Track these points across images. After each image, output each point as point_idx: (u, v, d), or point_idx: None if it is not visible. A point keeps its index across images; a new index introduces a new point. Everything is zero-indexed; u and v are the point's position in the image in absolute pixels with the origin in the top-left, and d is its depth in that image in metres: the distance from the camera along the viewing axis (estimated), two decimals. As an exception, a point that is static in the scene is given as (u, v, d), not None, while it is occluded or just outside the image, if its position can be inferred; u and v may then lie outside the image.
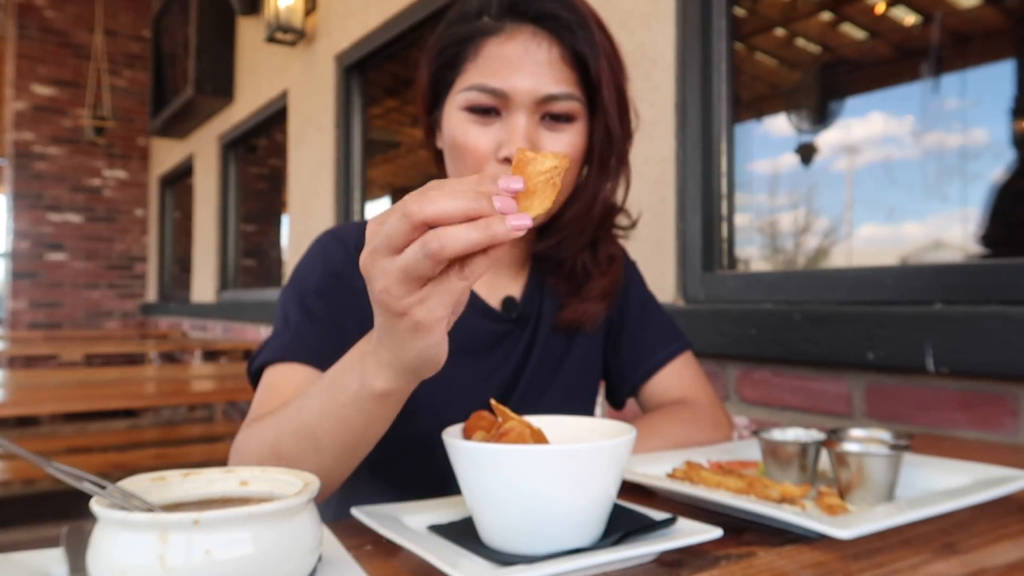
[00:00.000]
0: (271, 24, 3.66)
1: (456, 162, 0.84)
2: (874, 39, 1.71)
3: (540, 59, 0.80)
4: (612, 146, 0.85)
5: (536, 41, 0.80)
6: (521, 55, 0.79)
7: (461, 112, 0.82)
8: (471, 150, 0.81)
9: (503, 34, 0.81)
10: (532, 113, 0.80)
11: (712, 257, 1.72)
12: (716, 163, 1.72)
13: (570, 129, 0.82)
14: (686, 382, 1.01)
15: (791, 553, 0.58)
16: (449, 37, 0.84)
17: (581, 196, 0.87)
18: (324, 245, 0.90)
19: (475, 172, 0.81)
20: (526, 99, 0.79)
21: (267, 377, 0.81)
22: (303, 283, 0.86)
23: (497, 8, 0.82)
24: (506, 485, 0.53)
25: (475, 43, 0.82)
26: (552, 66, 0.80)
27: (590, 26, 0.82)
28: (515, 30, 0.81)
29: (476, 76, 0.81)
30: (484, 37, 0.81)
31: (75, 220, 6.68)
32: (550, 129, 0.82)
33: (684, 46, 1.75)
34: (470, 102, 0.81)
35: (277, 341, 0.82)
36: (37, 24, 6.47)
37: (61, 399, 2.33)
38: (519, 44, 0.80)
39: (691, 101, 1.74)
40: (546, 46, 0.80)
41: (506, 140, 0.79)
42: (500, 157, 0.80)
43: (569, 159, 0.53)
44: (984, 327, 1.12)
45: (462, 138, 0.81)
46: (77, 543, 0.54)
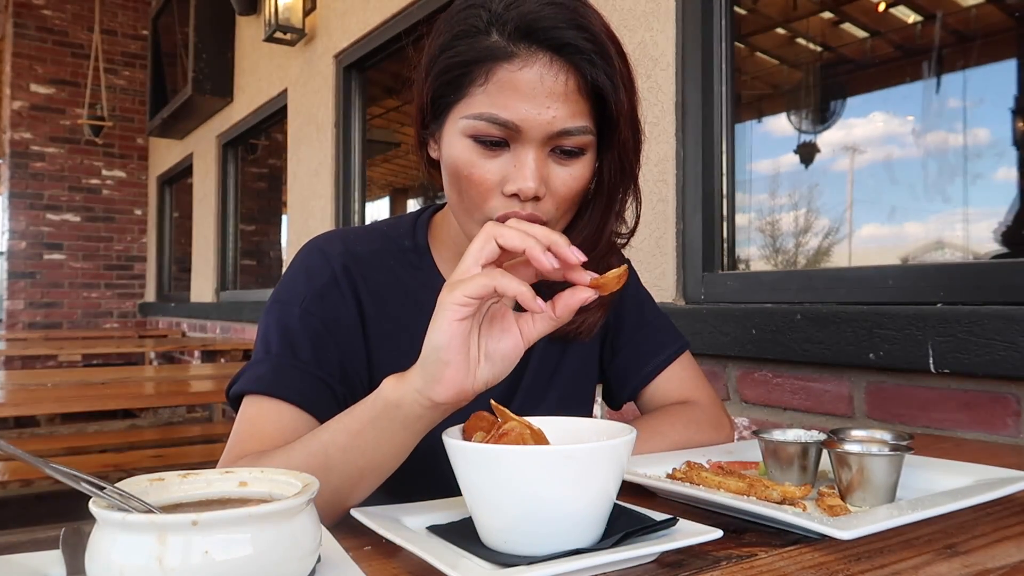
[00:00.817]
0: (270, 23, 3.66)
1: (458, 190, 0.79)
2: (875, 38, 1.71)
3: (556, 91, 0.74)
4: (623, 179, 0.82)
5: (552, 72, 0.74)
6: (535, 86, 0.73)
7: (465, 139, 0.76)
8: (476, 182, 0.76)
9: (517, 60, 0.74)
10: (542, 147, 0.76)
11: (712, 257, 1.71)
12: (716, 163, 1.72)
13: (579, 162, 0.78)
14: (686, 383, 1.00)
15: (792, 554, 0.58)
16: (456, 55, 0.76)
17: (585, 230, 0.85)
18: (308, 263, 0.87)
19: (479, 203, 0.78)
20: (538, 134, 0.74)
21: (247, 409, 0.79)
22: (286, 307, 0.83)
23: (512, 30, 0.74)
24: (506, 486, 0.53)
25: (485, 67, 0.75)
26: (568, 99, 0.74)
27: (610, 55, 0.76)
28: (530, 57, 0.74)
29: (485, 104, 0.75)
30: (495, 62, 0.74)
31: (73, 220, 6.68)
32: (559, 163, 0.77)
33: (685, 46, 1.75)
34: (478, 132, 0.75)
35: (257, 370, 0.80)
36: (35, 23, 6.46)
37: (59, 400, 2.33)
38: (534, 73, 0.74)
39: (691, 101, 1.74)
40: (563, 78, 0.74)
41: (514, 175, 0.75)
42: (507, 192, 0.76)
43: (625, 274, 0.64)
44: (986, 327, 1.12)
45: (467, 169, 0.76)
46: (75, 544, 0.53)
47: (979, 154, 1.44)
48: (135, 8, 6.87)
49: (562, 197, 0.78)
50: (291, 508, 0.45)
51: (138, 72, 6.85)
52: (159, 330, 6.42)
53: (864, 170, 1.65)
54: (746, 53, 1.90)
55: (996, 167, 1.42)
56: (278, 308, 0.84)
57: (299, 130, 3.85)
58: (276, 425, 0.77)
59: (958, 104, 1.48)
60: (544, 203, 0.77)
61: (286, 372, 0.79)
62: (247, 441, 0.77)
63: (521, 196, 0.75)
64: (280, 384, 0.78)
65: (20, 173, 6.43)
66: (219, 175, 5.12)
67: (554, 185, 0.77)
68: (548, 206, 0.78)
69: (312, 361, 0.81)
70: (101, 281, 6.82)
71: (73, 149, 6.64)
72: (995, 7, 1.49)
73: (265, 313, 0.85)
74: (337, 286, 0.85)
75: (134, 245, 6.98)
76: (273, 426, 0.77)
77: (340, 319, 0.84)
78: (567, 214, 0.82)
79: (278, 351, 0.80)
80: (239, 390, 0.80)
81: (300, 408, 0.78)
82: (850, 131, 1.68)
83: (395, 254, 0.90)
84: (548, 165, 0.77)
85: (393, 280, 0.88)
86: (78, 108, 6.51)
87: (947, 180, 1.48)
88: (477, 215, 0.79)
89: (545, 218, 0.78)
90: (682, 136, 1.75)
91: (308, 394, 0.78)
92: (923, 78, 1.56)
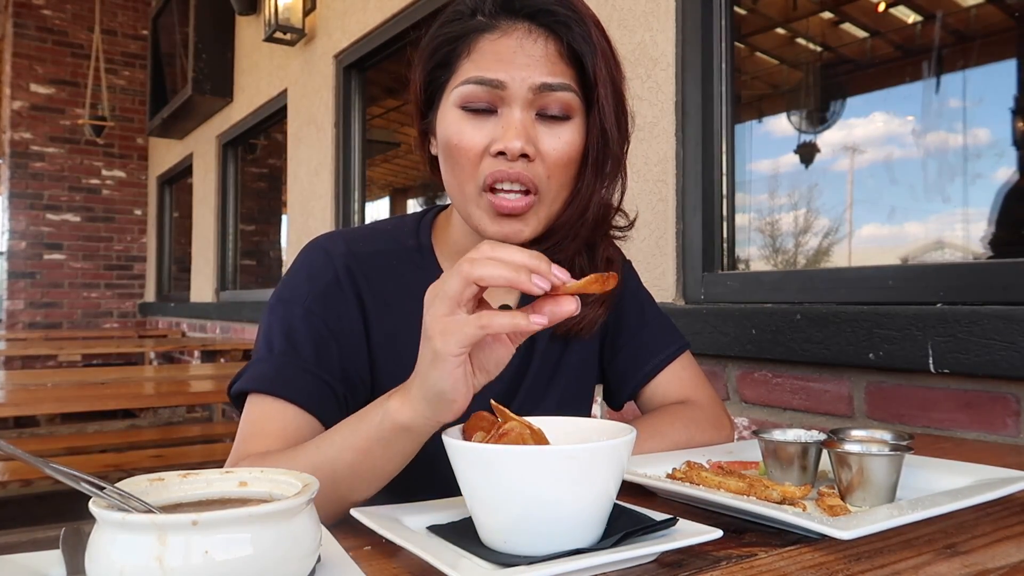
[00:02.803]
0: (270, 23, 3.66)
1: (451, 163, 0.81)
2: (875, 38, 1.71)
3: (535, 53, 0.78)
4: (608, 147, 0.83)
5: (531, 37, 0.79)
6: (516, 49, 0.78)
7: (455, 110, 0.80)
8: (464, 148, 0.79)
9: (497, 30, 0.79)
10: (528, 107, 0.78)
11: (712, 257, 1.71)
12: (716, 163, 1.72)
13: (567, 126, 0.80)
14: (686, 383, 1.00)
15: (792, 554, 0.58)
16: (442, 36, 0.82)
17: (576, 199, 0.85)
18: (311, 262, 0.87)
19: (470, 172, 0.79)
20: (521, 89, 0.77)
21: (251, 409, 0.80)
22: (288, 307, 0.84)
23: (491, 5, 0.80)
24: (506, 486, 0.53)
25: (469, 40, 0.80)
26: (548, 59, 0.78)
27: (587, 23, 0.80)
28: (510, 27, 0.79)
29: (471, 70, 0.79)
30: (478, 34, 0.80)
31: (73, 220, 6.67)
32: (547, 126, 0.80)
33: (684, 45, 1.75)
34: (465, 97, 0.79)
35: (261, 368, 0.80)
36: (35, 23, 6.46)
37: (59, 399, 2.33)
38: (514, 40, 0.79)
39: (691, 101, 1.74)
40: (542, 41, 0.79)
41: (501, 134, 0.78)
42: (493, 151, 0.78)
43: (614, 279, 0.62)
44: (985, 327, 1.12)
45: (456, 137, 0.79)
46: (75, 544, 0.53)
47: (979, 154, 1.44)
48: (135, 8, 6.86)
49: (553, 162, 0.79)
50: (291, 508, 0.45)
51: (138, 72, 6.85)
52: (159, 330, 6.42)
53: (864, 170, 1.65)
54: (746, 53, 1.90)
55: (996, 167, 1.42)
56: (281, 307, 0.84)
57: (299, 130, 3.85)
58: (280, 425, 0.77)
59: (958, 104, 1.48)
60: (535, 166, 0.79)
61: (288, 371, 0.79)
62: (250, 441, 0.77)
63: (508, 154, 0.77)
64: (282, 383, 0.78)
65: (20, 173, 6.43)
66: (219, 175, 5.12)
67: (543, 148, 0.79)
68: (539, 169, 0.79)
69: (314, 361, 0.81)
70: (101, 281, 6.81)
71: (73, 149, 6.64)
72: (995, 7, 1.49)
73: (268, 312, 0.85)
74: (339, 286, 0.85)
75: (134, 245, 6.98)
76: (277, 426, 0.77)
77: (342, 319, 0.84)
78: (562, 186, 0.82)
79: (281, 350, 0.81)
80: (241, 388, 0.80)
81: (303, 408, 0.78)
82: (850, 131, 1.68)
83: (398, 254, 0.90)
84: (535, 128, 0.79)
85: (396, 280, 0.88)
86: (78, 108, 6.51)
87: (947, 180, 1.48)
88: (470, 186, 0.80)
89: (536, 183, 0.79)
90: (682, 136, 1.75)
91: (311, 394, 0.79)
92: (923, 78, 1.56)
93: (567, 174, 0.82)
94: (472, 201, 0.81)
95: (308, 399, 0.79)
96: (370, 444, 0.67)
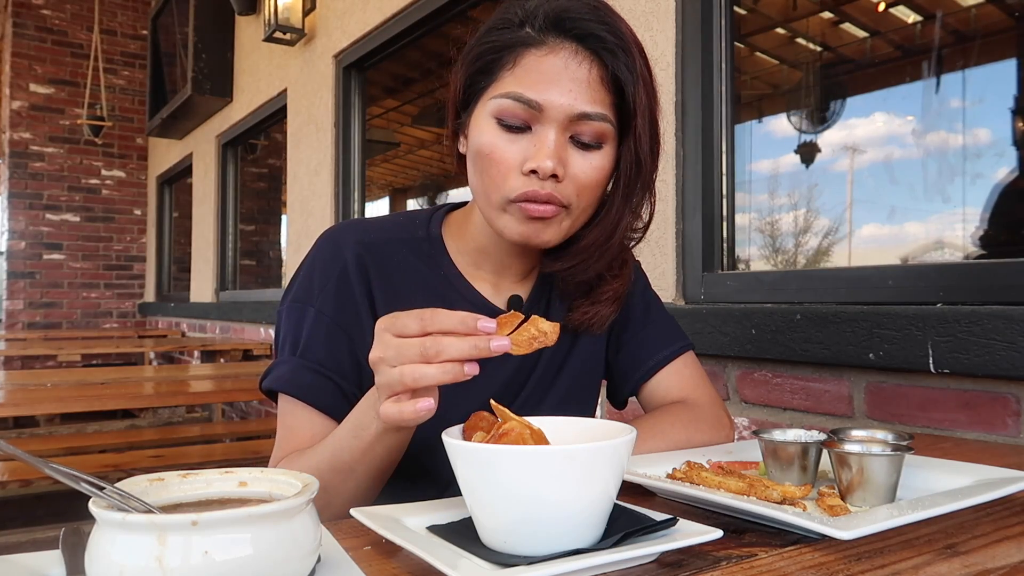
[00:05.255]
0: (270, 23, 3.66)
1: (480, 172, 0.83)
2: (875, 38, 1.71)
3: (579, 77, 0.79)
4: (640, 175, 0.84)
5: (577, 59, 0.79)
6: (560, 71, 0.79)
7: (491, 120, 0.81)
8: (497, 161, 0.80)
9: (545, 47, 0.80)
10: (563, 130, 0.79)
11: (712, 257, 1.71)
12: (716, 163, 1.72)
13: (598, 153, 0.82)
14: (687, 382, 1.01)
15: (792, 554, 0.58)
16: (489, 43, 0.83)
17: (603, 222, 0.87)
18: (322, 257, 0.90)
19: (499, 184, 0.81)
20: (559, 115, 0.78)
21: (282, 409, 0.87)
22: (302, 309, 0.88)
23: (542, 21, 0.81)
24: (506, 486, 0.53)
25: (515, 52, 0.81)
26: (590, 86, 0.79)
27: (632, 52, 0.81)
28: (557, 45, 0.80)
29: (512, 84, 0.80)
30: (525, 47, 0.80)
31: (73, 220, 6.67)
32: (579, 151, 0.81)
33: (685, 45, 1.75)
34: (502, 110, 0.80)
35: (281, 369, 0.87)
36: (34, 23, 6.46)
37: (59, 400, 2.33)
38: (560, 59, 0.79)
39: (691, 100, 1.74)
40: (587, 65, 0.79)
41: (533, 154, 0.79)
42: (525, 170, 0.79)
43: (557, 336, 0.66)
44: (985, 327, 1.12)
45: (489, 148, 0.80)
46: (75, 544, 0.53)
47: (979, 154, 1.44)
48: (135, 8, 6.86)
49: (582, 185, 0.81)
50: (291, 508, 0.45)
51: (138, 72, 6.85)
52: (159, 330, 6.42)
53: (864, 170, 1.65)
54: (746, 53, 1.90)
55: (996, 167, 1.42)
56: (295, 310, 0.89)
57: (299, 130, 3.85)
58: (310, 431, 0.85)
59: (958, 104, 1.48)
60: (564, 187, 0.80)
61: (304, 375, 0.86)
62: (283, 443, 0.87)
63: (540, 173, 0.78)
64: (298, 386, 0.86)
65: (19, 173, 6.43)
66: (219, 175, 5.12)
67: (573, 171, 0.80)
68: (568, 190, 0.81)
69: (326, 363, 0.86)
70: (100, 281, 6.81)
71: (72, 149, 6.64)
72: (995, 7, 1.49)
73: (284, 312, 0.90)
74: (348, 279, 0.88)
75: (133, 245, 6.97)
76: (305, 428, 0.86)
77: (352, 310, 0.88)
78: (587, 207, 0.84)
79: (297, 353, 0.87)
80: (268, 386, 0.88)
81: (319, 410, 0.86)
82: (850, 131, 1.68)
83: (408, 243, 0.93)
84: (567, 150, 0.80)
85: (406, 268, 0.91)
86: (77, 108, 6.50)
87: (947, 180, 1.48)
88: (496, 196, 0.82)
89: (565, 202, 0.81)
90: (682, 136, 1.75)
91: (325, 396, 0.86)
92: (923, 78, 1.56)
93: (594, 195, 0.84)
94: (497, 207, 0.83)
95: (323, 401, 0.85)
96: (372, 447, 0.74)
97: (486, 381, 0.91)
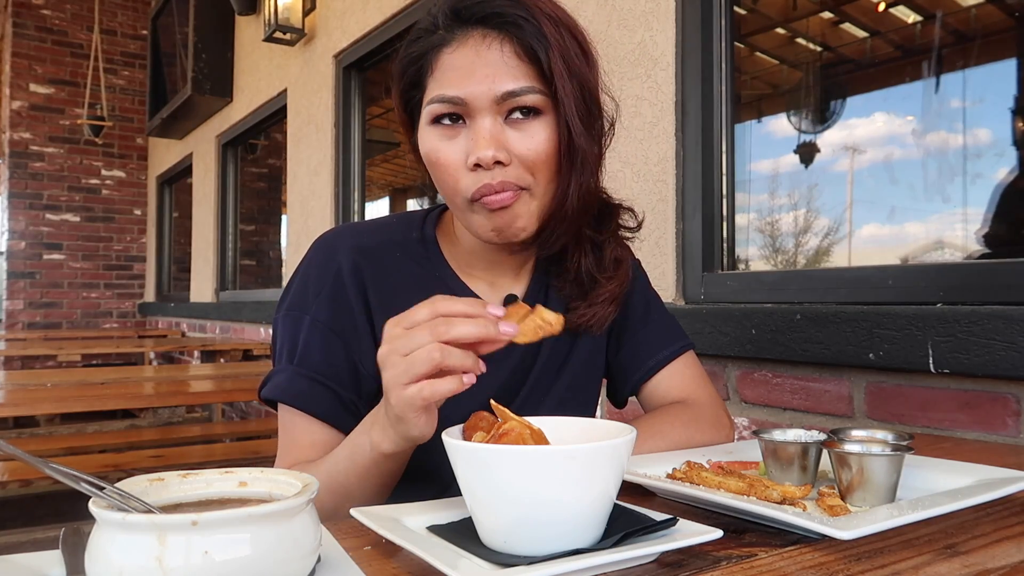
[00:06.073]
0: (270, 23, 3.66)
1: (436, 179, 0.84)
2: (875, 38, 1.71)
3: (492, 60, 0.79)
4: (571, 139, 0.82)
5: (486, 43, 0.79)
6: (472, 59, 0.79)
7: (429, 127, 0.82)
8: (444, 164, 0.81)
9: (454, 42, 0.81)
10: (496, 114, 0.79)
11: (712, 257, 1.71)
12: (716, 163, 1.72)
13: (537, 124, 0.80)
14: (688, 382, 1.01)
15: (792, 554, 0.58)
16: (408, 57, 0.85)
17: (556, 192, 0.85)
18: (317, 262, 0.90)
19: (452, 186, 0.81)
20: (484, 102, 0.78)
21: (282, 418, 0.87)
22: (298, 316, 0.88)
23: (443, 18, 0.82)
24: (506, 486, 0.53)
25: (430, 57, 0.82)
26: (506, 64, 0.79)
27: (537, 19, 0.79)
28: (464, 36, 0.80)
29: (436, 88, 0.80)
30: (438, 49, 0.81)
31: (73, 220, 6.67)
32: (516, 128, 0.80)
33: (684, 45, 1.75)
34: (434, 115, 0.81)
35: (279, 378, 0.87)
36: (34, 22, 6.46)
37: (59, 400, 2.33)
38: (470, 49, 0.80)
39: (691, 100, 1.74)
40: (496, 45, 0.79)
41: (472, 147, 0.79)
42: (470, 165, 0.79)
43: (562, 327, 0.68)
44: (986, 327, 1.12)
45: (434, 155, 0.82)
46: (75, 544, 0.53)
47: (979, 154, 1.44)
48: (134, 8, 6.86)
49: (531, 161, 0.80)
50: (291, 508, 0.45)
51: (138, 72, 6.85)
52: (159, 330, 6.42)
53: (864, 170, 1.65)
54: (746, 53, 1.90)
55: (996, 167, 1.41)
56: (291, 317, 0.89)
57: (299, 130, 3.85)
58: (310, 439, 0.86)
59: (958, 104, 1.48)
60: (513, 169, 0.80)
61: (302, 383, 0.86)
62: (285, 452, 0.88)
63: (483, 164, 0.78)
64: (297, 395, 0.86)
65: (19, 173, 6.43)
66: (219, 175, 5.12)
67: (517, 150, 0.80)
68: (519, 171, 0.80)
69: (323, 371, 0.86)
70: (100, 281, 6.81)
71: (72, 149, 6.64)
72: (995, 7, 1.49)
73: (280, 319, 0.90)
74: (343, 284, 0.88)
75: (133, 245, 6.97)
76: (305, 436, 0.87)
77: (348, 315, 0.88)
78: (549, 181, 0.82)
79: (293, 361, 0.87)
80: (268, 396, 0.88)
81: (318, 419, 0.86)
82: (850, 131, 1.68)
83: (403, 245, 0.93)
84: (505, 132, 0.80)
85: (401, 270, 0.91)
86: (77, 108, 6.50)
87: (947, 180, 1.48)
88: (458, 199, 0.82)
89: (522, 184, 0.80)
90: (682, 136, 1.75)
91: (323, 404, 0.86)
92: (923, 78, 1.56)
93: (550, 168, 0.82)
94: (464, 209, 0.83)
95: (321, 409, 0.86)
96: (368, 470, 0.75)
97: (486, 381, 0.91)
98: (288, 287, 0.91)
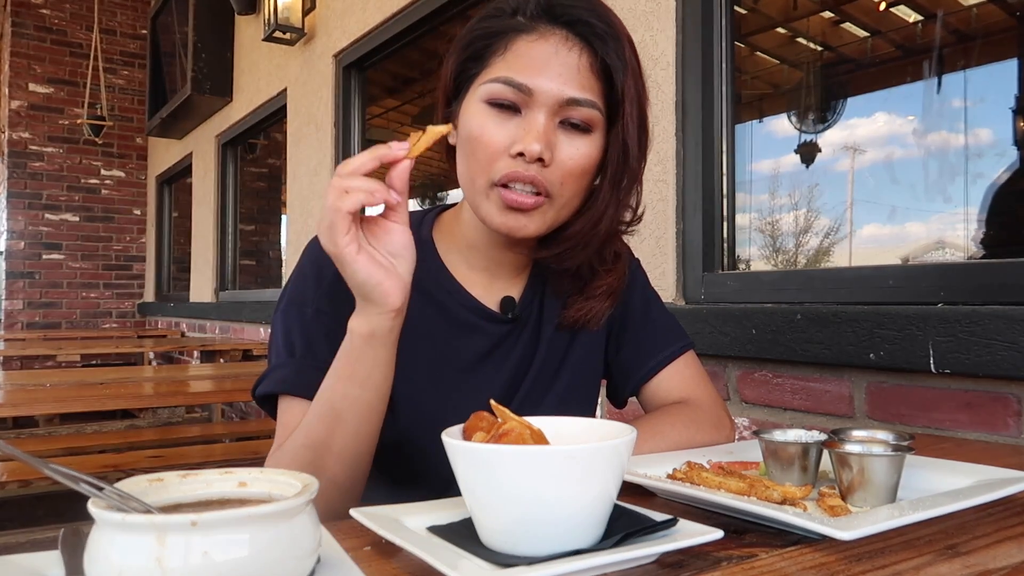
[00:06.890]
0: (269, 23, 3.65)
1: (468, 155, 0.83)
2: (875, 38, 1.71)
3: (569, 63, 0.80)
4: (627, 163, 0.84)
5: (567, 45, 0.80)
6: (550, 56, 0.79)
7: (481, 104, 0.81)
8: (485, 144, 0.80)
9: (535, 33, 0.81)
10: (552, 115, 0.80)
11: (713, 257, 1.71)
12: (716, 163, 1.72)
13: (586, 139, 0.82)
14: (688, 382, 1.01)
15: (792, 555, 0.58)
16: (480, 30, 0.84)
17: (590, 210, 0.86)
18: (317, 258, 0.89)
19: (486, 166, 0.81)
20: (549, 99, 0.79)
21: (283, 411, 0.85)
22: (300, 309, 0.87)
23: (533, 8, 0.82)
24: (506, 486, 0.53)
25: (506, 38, 0.82)
26: (579, 71, 0.80)
27: (621, 40, 0.82)
28: (548, 32, 0.81)
29: (502, 69, 0.80)
30: (516, 33, 0.81)
31: (72, 220, 6.66)
32: (567, 136, 0.81)
33: (685, 45, 1.75)
34: (492, 95, 0.80)
35: (283, 372, 0.85)
36: (34, 22, 6.45)
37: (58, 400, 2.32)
38: (550, 45, 0.80)
39: (692, 100, 1.74)
40: (576, 51, 0.80)
41: (522, 136, 0.79)
42: (513, 152, 0.79)
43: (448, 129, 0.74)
44: (986, 327, 1.12)
45: (478, 131, 0.81)
46: (74, 545, 0.53)
47: (980, 154, 1.44)
48: (134, 7, 6.86)
49: (567, 171, 0.81)
50: (291, 508, 0.45)
51: (137, 72, 6.84)
52: (158, 330, 6.42)
53: (864, 170, 1.65)
54: (746, 53, 1.90)
55: (997, 167, 1.41)
56: (294, 310, 0.87)
57: (298, 130, 3.85)
58: None
59: (959, 104, 1.47)
60: (550, 172, 0.80)
61: (310, 374, 0.83)
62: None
63: (527, 156, 0.78)
64: (305, 386, 0.83)
65: (19, 173, 6.43)
66: (218, 175, 5.12)
67: (560, 156, 0.80)
68: (553, 176, 0.81)
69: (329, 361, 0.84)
70: (100, 281, 6.81)
71: (72, 149, 6.63)
72: (995, 7, 1.49)
73: (281, 314, 0.88)
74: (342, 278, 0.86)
75: (133, 245, 6.97)
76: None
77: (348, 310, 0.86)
78: (572, 197, 0.84)
79: (299, 353, 0.85)
80: (267, 391, 0.85)
81: None
82: (851, 131, 1.68)
83: None
84: (556, 134, 0.81)
85: None
86: (77, 108, 6.50)
87: (948, 180, 1.48)
88: (481, 180, 0.82)
89: (549, 188, 0.81)
90: (682, 136, 1.75)
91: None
92: (924, 78, 1.56)
93: (580, 183, 0.83)
94: (482, 193, 0.82)
95: None
96: (351, 367, 0.75)
97: (485, 381, 0.91)
98: (286, 285, 0.91)
